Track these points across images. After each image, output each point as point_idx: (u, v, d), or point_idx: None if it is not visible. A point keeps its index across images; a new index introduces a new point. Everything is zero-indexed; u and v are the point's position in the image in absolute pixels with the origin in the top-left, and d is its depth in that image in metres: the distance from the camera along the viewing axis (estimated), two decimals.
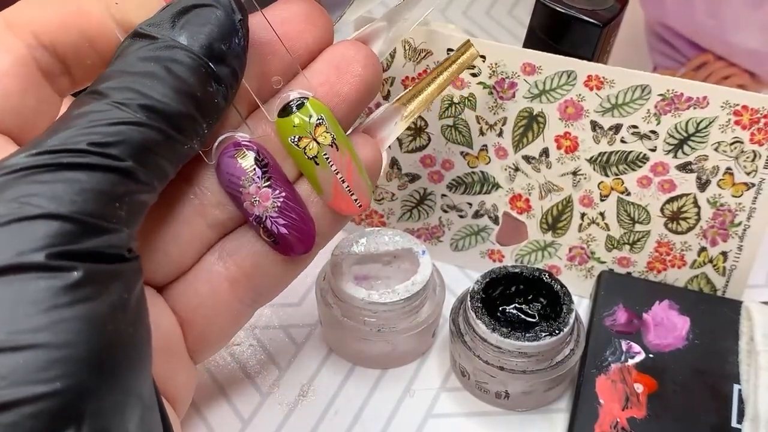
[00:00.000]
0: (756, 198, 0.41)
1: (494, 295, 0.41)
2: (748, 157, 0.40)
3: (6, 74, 0.25)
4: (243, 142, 0.28)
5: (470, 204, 0.46)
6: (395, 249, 0.42)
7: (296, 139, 0.28)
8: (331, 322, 0.42)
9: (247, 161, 0.28)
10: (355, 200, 0.30)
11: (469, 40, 0.35)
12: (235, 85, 0.26)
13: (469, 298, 0.39)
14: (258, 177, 0.28)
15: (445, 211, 0.47)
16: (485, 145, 0.44)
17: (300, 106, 0.28)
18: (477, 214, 0.46)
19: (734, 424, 0.38)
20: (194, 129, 0.25)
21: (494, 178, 0.45)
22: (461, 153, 0.44)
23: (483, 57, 0.41)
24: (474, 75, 0.41)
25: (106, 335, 0.20)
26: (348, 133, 0.30)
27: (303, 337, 0.44)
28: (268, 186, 0.28)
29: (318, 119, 0.28)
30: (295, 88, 0.29)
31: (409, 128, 0.44)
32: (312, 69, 0.29)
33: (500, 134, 0.43)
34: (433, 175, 0.46)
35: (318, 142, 0.29)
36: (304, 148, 0.28)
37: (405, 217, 0.47)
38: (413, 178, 0.46)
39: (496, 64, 0.41)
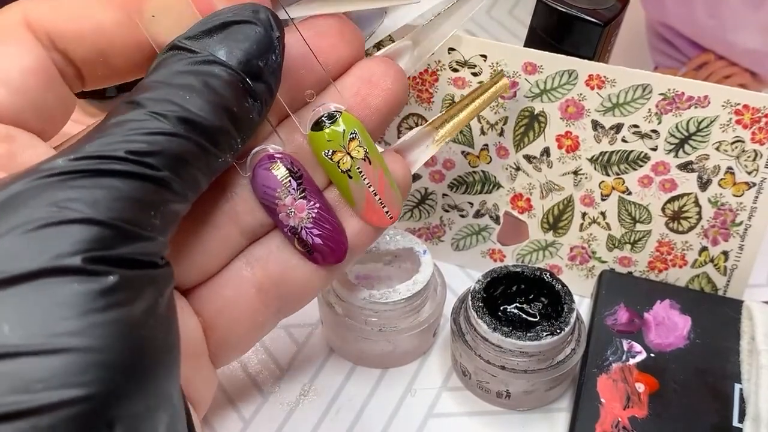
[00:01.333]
0: (757, 197, 0.41)
1: (495, 295, 0.41)
2: (749, 157, 0.40)
3: (28, 72, 0.25)
4: (277, 155, 0.28)
5: (471, 203, 0.46)
6: (396, 248, 0.42)
7: (330, 153, 0.29)
8: (332, 322, 0.42)
9: (282, 173, 0.28)
10: (387, 212, 0.30)
11: (501, 71, 0.37)
12: (270, 100, 0.27)
13: (470, 298, 0.39)
14: (293, 189, 0.28)
15: (447, 211, 0.47)
16: (486, 145, 0.44)
17: (333, 120, 0.29)
18: (478, 214, 0.46)
19: (735, 423, 0.38)
20: (229, 143, 0.25)
21: (495, 177, 0.45)
22: (462, 152, 0.44)
23: (484, 56, 0.41)
24: (475, 74, 0.41)
25: (139, 340, 0.20)
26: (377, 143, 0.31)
27: (304, 336, 0.44)
28: (303, 197, 0.28)
29: (351, 134, 0.29)
30: (328, 101, 0.29)
31: (409, 127, 0.44)
32: (343, 83, 0.30)
33: (501, 134, 0.43)
34: (434, 175, 0.46)
35: (352, 156, 0.29)
36: (338, 162, 0.29)
37: (406, 217, 0.47)
38: (414, 177, 0.46)
39: (497, 63, 0.41)
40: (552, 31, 0.44)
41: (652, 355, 0.41)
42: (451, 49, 0.41)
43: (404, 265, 0.43)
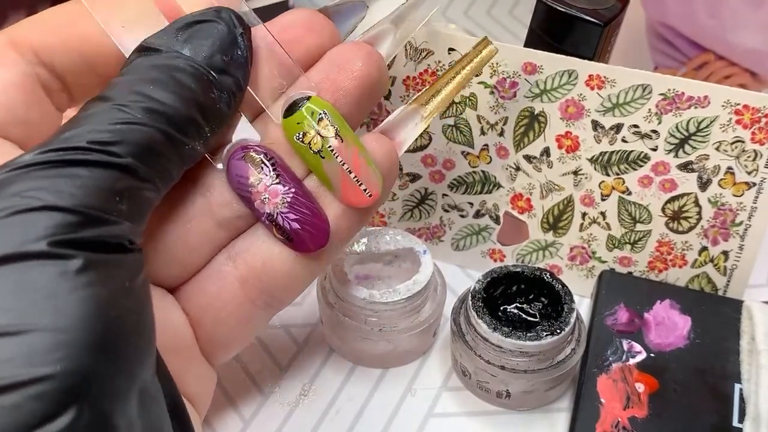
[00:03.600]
0: (757, 197, 0.41)
1: (495, 295, 0.41)
2: (749, 157, 0.40)
3: (11, 86, 0.26)
4: (250, 145, 0.29)
5: (471, 203, 0.46)
6: (396, 248, 0.42)
7: (301, 135, 0.29)
8: (332, 322, 0.42)
9: (255, 161, 0.28)
10: (365, 190, 0.30)
11: (486, 37, 0.35)
12: (239, 93, 0.28)
13: (470, 298, 0.39)
14: (265, 175, 0.28)
15: (446, 211, 0.47)
16: (486, 145, 0.44)
17: (303, 104, 0.29)
18: (478, 214, 0.46)
19: (735, 423, 0.38)
20: (197, 131, 0.26)
21: (495, 177, 0.45)
22: (462, 152, 0.44)
23: None
24: (475, 74, 0.41)
25: (108, 321, 0.21)
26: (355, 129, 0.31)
27: (304, 336, 0.44)
28: (277, 183, 0.29)
29: (320, 114, 0.29)
30: (298, 89, 0.30)
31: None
32: (313, 70, 0.30)
33: (501, 134, 0.43)
34: (434, 175, 0.46)
35: (322, 136, 0.29)
36: (309, 143, 0.29)
37: (406, 217, 0.47)
38: (414, 177, 0.46)
39: (497, 63, 0.41)
40: (552, 31, 0.44)
41: (652, 355, 0.41)
42: (451, 49, 0.41)
43: (404, 265, 0.43)
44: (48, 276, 0.20)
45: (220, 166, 0.29)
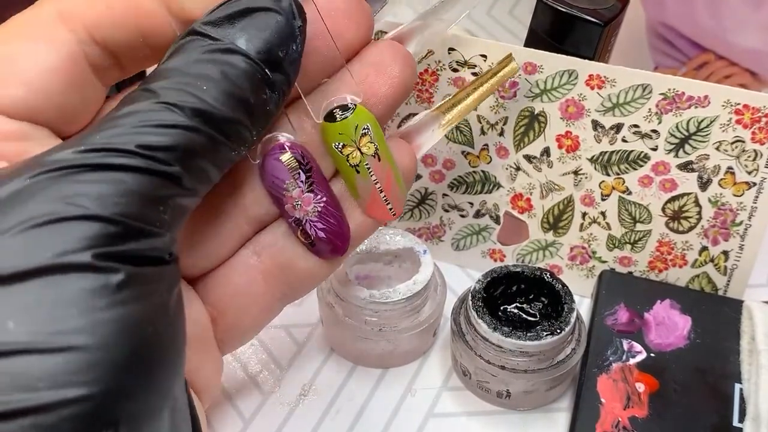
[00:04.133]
0: (757, 197, 0.41)
1: (495, 295, 0.41)
2: (749, 156, 0.40)
3: (52, 71, 0.25)
4: (288, 145, 0.28)
5: (471, 203, 0.46)
6: (396, 248, 0.42)
7: (340, 146, 0.28)
8: (332, 322, 0.42)
9: (292, 164, 0.28)
10: (390, 209, 0.30)
11: (510, 54, 0.35)
12: (287, 91, 0.26)
13: (470, 298, 0.39)
14: (302, 181, 0.28)
15: (447, 211, 0.47)
16: (486, 145, 0.44)
17: (347, 112, 0.28)
18: (478, 214, 0.46)
19: (735, 423, 0.38)
20: (243, 136, 0.25)
21: (495, 177, 0.45)
22: (462, 152, 0.44)
23: (484, 56, 0.41)
24: (475, 74, 0.41)
25: (145, 338, 0.20)
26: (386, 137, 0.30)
27: (304, 336, 0.44)
28: (311, 191, 0.28)
29: (364, 128, 0.28)
30: (342, 90, 0.29)
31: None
32: (351, 68, 0.29)
33: (501, 133, 0.43)
34: (435, 175, 0.46)
35: (362, 152, 0.29)
36: (348, 156, 0.28)
37: (406, 217, 0.47)
38: (414, 177, 0.46)
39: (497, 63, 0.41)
40: (552, 31, 0.44)
41: (652, 355, 0.41)
42: (451, 49, 0.41)
43: (404, 265, 0.43)
44: (87, 290, 0.19)
45: (256, 162, 0.28)
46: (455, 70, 0.41)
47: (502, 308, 0.42)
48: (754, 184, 0.41)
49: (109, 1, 0.25)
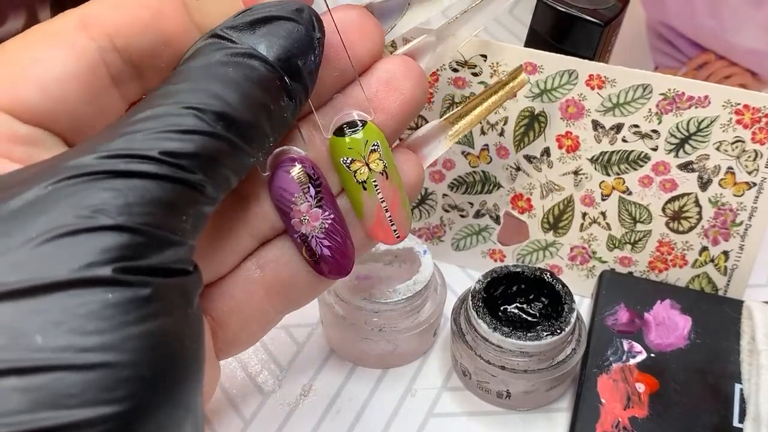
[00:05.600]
0: (757, 197, 0.41)
1: (496, 295, 0.41)
2: (749, 157, 0.40)
3: (70, 78, 0.24)
4: (298, 159, 0.27)
5: (471, 203, 0.46)
6: (396, 249, 0.42)
7: (348, 161, 0.28)
8: (332, 322, 0.42)
9: (302, 179, 0.27)
10: (395, 231, 0.30)
11: (521, 66, 0.35)
12: (304, 101, 0.26)
13: (470, 298, 0.39)
14: (311, 196, 0.27)
15: (447, 211, 0.47)
16: (486, 145, 0.44)
17: (357, 128, 0.28)
18: (478, 214, 0.46)
19: (736, 423, 0.38)
20: (262, 142, 0.24)
21: (495, 177, 0.45)
22: (462, 152, 0.44)
23: (484, 56, 0.41)
24: (475, 74, 0.41)
25: (171, 352, 0.20)
26: (392, 146, 0.30)
27: (304, 336, 0.44)
28: (319, 207, 0.28)
29: (374, 145, 0.28)
30: (352, 105, 0.28)
31: (410, 127, 0.43)
32: (362, 83, 0.29)
33: (501, 134, 0.43)
34: (434, 175, 0.46)
35: (370, 168, 0.28)
36: (355, 172, 0.28)
37: None
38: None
39: (497, 63, 0.41)
40: (552, 31, 0.44)
41: (652, 355, 0.41)
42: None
43: (404, 265, 0.43)
44: (116, 304, 0.19)
45: (265, 174, 0.28)
46: (455, 70, 0.41)
47: (502, 308, 0.42)
48: (755, 184, 0.41)
49: (130, 8, 0.25)
